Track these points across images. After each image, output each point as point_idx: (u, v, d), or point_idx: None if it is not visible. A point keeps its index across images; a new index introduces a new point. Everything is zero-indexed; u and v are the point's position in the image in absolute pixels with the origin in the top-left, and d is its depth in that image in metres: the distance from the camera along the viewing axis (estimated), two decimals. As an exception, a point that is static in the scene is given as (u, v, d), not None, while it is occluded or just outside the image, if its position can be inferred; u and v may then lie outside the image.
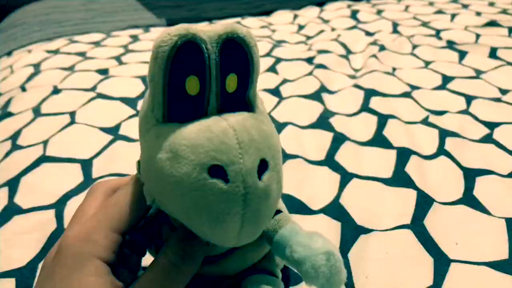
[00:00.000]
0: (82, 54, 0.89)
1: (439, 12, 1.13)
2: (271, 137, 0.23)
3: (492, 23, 1.00)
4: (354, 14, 1.14)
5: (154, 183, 0.23)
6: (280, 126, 0.62)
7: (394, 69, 0.80)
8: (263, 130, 0.23)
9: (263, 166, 0.22)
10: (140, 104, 0.69)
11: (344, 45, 0.93)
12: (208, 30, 0.22)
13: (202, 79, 0.22)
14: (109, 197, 0.28)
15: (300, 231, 0.28)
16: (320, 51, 0.88)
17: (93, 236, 0.24)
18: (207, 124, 0.21)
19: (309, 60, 0.84)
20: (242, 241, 0.23)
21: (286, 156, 0.55)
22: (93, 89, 0.74)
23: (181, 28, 0.21)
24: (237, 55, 0.22)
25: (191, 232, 0.24)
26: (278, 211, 0.29)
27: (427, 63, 0.83)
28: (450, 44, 0.91)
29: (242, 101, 0.24)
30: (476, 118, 0.64)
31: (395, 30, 1.02)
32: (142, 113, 0.25)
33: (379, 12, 1.15)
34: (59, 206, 0.48)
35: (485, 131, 0.60)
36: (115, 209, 0.26)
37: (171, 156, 0.21)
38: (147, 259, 0.30)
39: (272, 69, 0.81)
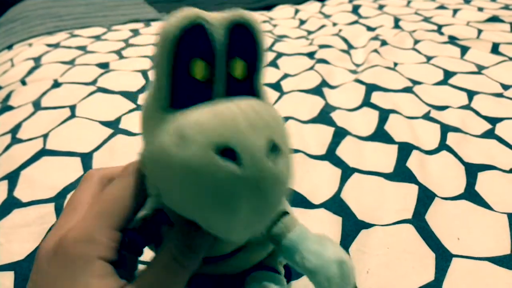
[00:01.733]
0: (82, 48, 0.89)
1: (441, 7, 1.13)
2: (281, 123, 0.23)
3: (494, 19, 1.00)
4: (355, 9, 1.13)
5: (160, 172, 0.22)
6: (281, 121, 0.61)
7: (395, 64, 0.80)
8: (273, 115, 0.22)
9: (274, 149, 0.21)
10: (140, 98, 0.69)
11: (345, 40, 0.92)
12: (216, 15, 0.21)
13: (209, 63, 0.21)
14: (104, 186, 0.27)
15: (309, 235, 0.27)
16: (322, 46, 0.88)
17: (95, 236, 0.23)
18: (215, 106, 0.20)
19: (310, 55, 0.84)
20: (248, 233, 0.22)
21: (287, 151, 0.54)
22: (93, 83, 0.73)
23: (190, 11, 0.20)
24: (245, 40, 0.22)
25: (194, 226, 0.24)
26: (285, 213, 0.29)
27: (429, 58, 0.82)
28: (452, 39, 0.90)
29: (250, 89, 0.23)
30: (478, 113, 0.63)
31: (396, 25, 1.01)
32: (146, 103, 0.24)
33: (380, 7, 1.15)
34: (58, 199, 0.47)
35: (487, 126, 0.60)
36: (113, 204, 0.25)
37: (178, 139, 0.20)
38: (145, 255, 0.30)
39: (273, 63, 0.81)
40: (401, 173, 0.51)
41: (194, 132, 0.20)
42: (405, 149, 0.55)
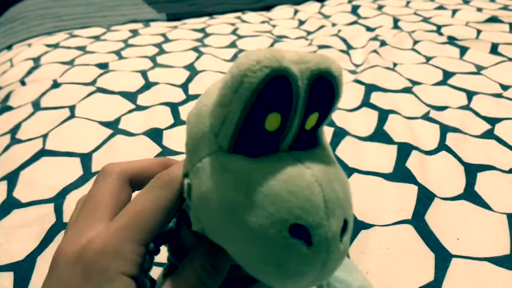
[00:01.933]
0: (82, 48, 0.89)
1: (440, 7, 1.13)
2: (349, 191, 0.22)
3: (493, 19, 1.00)
4: (354, 10, 1.13)
5: (215, 219, 0.20)
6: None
7: (395, 64, 0.80)
8: (344, 184, 0.21)
9: (344, 226, 0.20)
10: (140, 98, 0.69)
11: (344, 41, 0.93)
12: (299, 61, 0.19)
13: (284, 116, 0.19)
14: (124, 184, 0.26)
15: None
16: (321, 46, 0.88)
17: (120, 251, 0.22)
18: (289, 172, 0.19)
19: (310, 55, 0.84)
20: None
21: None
22: (92, 83, 0.73)
23: (274, 58, 0.18)
24: (325, 93, 0.20)
25: (219, 247, 0.23)
26: None
27: (428, 59, 0.82)
28: (451, 40, 0.90)
29: (313, 136, 0.22)
30: (477, 114, 0.63)
31: (396, 26, 1.01)
32: (200, 132, 0.22)
33: (380, 7, 1.15)
34: (58, 200, 0.47)
35: (486, 126, 0.60)
36: (143, 217, 0.23)
37: (245, 201, 0.19)
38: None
39: (273, 64, 0.81)
40: (401, 174, 0.51)
41: (265, 201, 0.19)
42: (405, 150, 0.55)
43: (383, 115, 0.62)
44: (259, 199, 0.18)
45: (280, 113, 0.19)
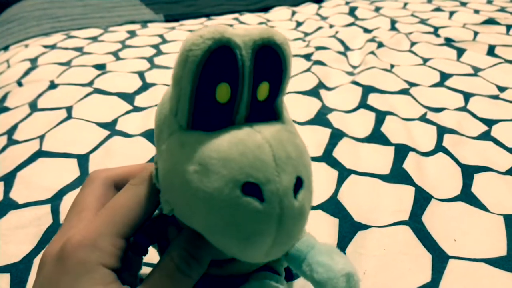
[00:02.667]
0: (79, 49, 0.89)
1: (437, 9, 1.13)
2: (305, 153, 0.22)
3: (490, 21, 1.00)
4: (352, 11, 1.14)
5: (178, 195, 0.21)
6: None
7: (392, 66, 0.80)
8: (298, 145, 0.22)
9: (298, 184, 0.20)
10: (137, 99, 0.69)
11: (342, 42, 0.93)
12: (243, 35, 0.20)
13: (233, 86, 0.20)
14: (109, 188, 0.27)
15: (317, 245, 0.27)
16: (318, 48, 0.88)
17: (99, 243, 0.23)
18: (239, 136, 0.20)
19: (307, 57, 0.84)
20: (269, 258, 0.22)
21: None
22: (90, 84, 0.73)
23: (216, 31, 0.19)
24: (272, 62, 0.21)
25: (198, 234, 0.23)
26: None
27: (425, 60, 0.83)
28: (448, 42, 0.91)
29: (270, 108, 0.22)
30: (474, 115, 0.64)
31: (393, 27, 1.01)
32: (162, 116, 0.23)
33: (377, 9, 1.15)
34: (55, 201, 0.47)
35: (483, 128, 0.60)
36: (121, 212, 0.24)
37: (200, 169, 0.19)
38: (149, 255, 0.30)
39: (270, 65, 0.81)
40: (398, 175, 0.51)
41: (216, 164, 0.19)
42: (402, 151, 0.55)
43: (380, 116, 0.63)
44: (212, 165, 0.19)
45: (228, 83, 0.20)
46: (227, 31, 0.19)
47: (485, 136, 0.59)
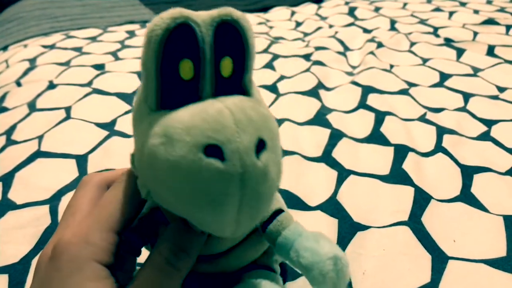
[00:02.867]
0: (78, 49, 0.89)
1: (437, 9, 1.13)
2: (269, 119, 0.22)
3: (489, 21, 1.00)
4: (351, 11, 1.13)
5: (148, 172, 0.22)
6: (277, 123, 0.61)
7: (391, 66, 0.80)
8: (261, 111, 0.22)
9: (260, 145, 0.20)
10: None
11: (341, 42, 0.93)
12: (202, 14, 0.21)
13: (196, 62, 0.21)
14: (102, 191, 0.27)
15: (304, 232, 0.27)
16: (318, 48, 0.88)
17: (90, 239, 0.23)
18: (201, 106, 0.21)
19: (307, 57, 0.84)
20: (240, 229, 0.22)
21: (283, 153, 0.54)
22: (89, 84, 0.73)
23: (175, 11, 0.20)
24: (232, 38, 0.22)
25: (186, 226, 0.24)
26: (281, 211, 0.29)
27: (425, 61, 0.82)
28: (448, 42, 0.91)
29: (238, 86, 0.23)
30: (473, 116, 0.63)
31: (392, 28, 1.01)
32: (136, 105, 0.24)
33: (376, 9, 1.15)
34: (53, 201, 0.47)
35: (483, 128, 0.60)
36: (110, 207, 0.25)
37: (165, 140, 0.20)
38: (143, 255, 0.30)
39: (270, 65, 0.81)
40: (397, 175, 0.51)
41: (180, 133, 0.20)
42: (401, 151, 0.55)
43: (380, 116, 0.62)
44: (176, 134, 0.20)
45: (191, 60, 0.21)
46: (186, 11, 0.21)
47: (485, 136, 0.58)
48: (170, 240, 0.24)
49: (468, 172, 0.51)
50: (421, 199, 0.47)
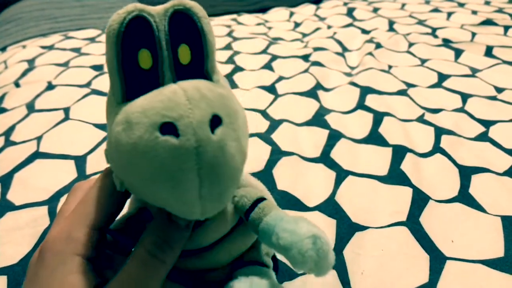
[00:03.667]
0: (77, 50, 0.89)
1: (435, 10, 1.13)
2: (227, 98, 0.23)
3: (487, 22, 1.00)
4: (350, 12, 1.14)
5: (116, 160, 0.22)
6: (276, 123, 0.61)
7: (390, 66, 0.80)
8: (217, 91, 0.22)
9: (215, 121, 0.21)
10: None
11: (340, 43, 0.93)
12: (157, 7, 0.22)
13: (153, 51, 0.22)
14: None
15: (285, 217, 0.27)
16: (316, 49, 0.88)
17: (72, 234, 0.24)
18: (158, 90, 0.21)
19: (305, 58, 0.84)
20: (208, 208, 0.22)
21: (282, 153, 0.55)
22: (87, 85, 0.73)
23: (130, 6, 0.21)
24: (187, 26, 0.23)
25: (168, 218, 0.24)
26: (263, 199, 0.29)
27: (423, 61, 0.83)
28: (446, 42, 0.91)
29: (200, 73, 0.23)
30: (471, 116, 0.64)
31: (391, 28, 1.02)
32: (107, 101, 0.25)
33: (375, 10, 1.15)
34: (52, 202, 0.47)
35: (481, 129, 0.60)
36: (90, 204, 0.25)
37: (126, 126, 0.21)
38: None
39: (268, 66, 0.81)
40: (395, 176, 0.51)
41: (138, 116, 0.21)
42: (399, 152, 0.55)
43: (378, 117, 0.63)
44: (136, 118, 0.21)
45: (148, 49, 0.22)
46: (141, 5, 0.22)
47: (483, 137, 0.59)
48: (153, 233, 0.25)
49: (466, 173, 0.51)
50: (419, 200, 0.47)
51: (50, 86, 0.72)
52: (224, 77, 0.26)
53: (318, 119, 0.62)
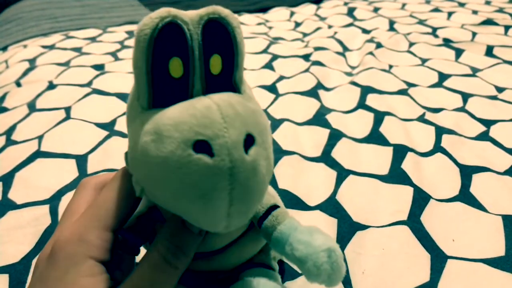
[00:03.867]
0: (78, 49, 0.89)
1: (436, 10, 1.13)
2: (258, 114, 0.22)
3: (488, 22, 1.00)
4: (350, 12, 1.14)
5: (141, 169, 0.22)
6: (277, 123, 0.62)
7: (390, 66, 0.80)
8: (249, 107, 0.22)
9: (249, 140, 0.21)
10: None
11: (340, 42, 0.93)
12: (190, 13, 0.22)
13: (185, 60, 0.21)
14: (98, 193, 0.27)
15: (299, 227, 0.27)
16: (317, 48, 0.88)
17: (85, 236, 0.23)
18: (190, 103, 0.21)
19: (306, 57, 0.84)
20: (233, 223, 0.22)
21: (283, 152, 0.55)
22: (88, 84, 0.73)
23: (163, 10, 0.20)
24: (220, 36, 0.22)
25: (183, 225, 0.24)
26: (276, 206, 0.29)
27: (424, 61, 0.83)
28: (447, 42, 0.91)
29: (228, 84, 0.23)
30: (472, 116, 0.64)
31: (391, 28, 1.02)
32: (129, 104, 0.24)
33: (375, 9, 1.15)
34: (53, 201, 0.47)
35: (482, 128, 0.60)
36: (105, 206, 0.25)
37: (156, 137, 0.20)
38: (142, 254, 0.30)
39: (269, 66, 0.81)
40: (396, 175, 0.51)
41: (169, 129, 0.20)
42: (400, 151, 0.55)
43: (379, 117, 0.63)
44: (166, 131, 0.20)
45: (180, 58, 0.21)
46: (175, 10, 0.21)
47: (484, 136, 0.59)
48: (168, 238, 0.24)
49: (467, 172, 0.51)
50: (420, 199, 0.47)
51: (51, 86, 0.72)
52: (248, 85, 0.25)
53: (319, 119, 0.63)
